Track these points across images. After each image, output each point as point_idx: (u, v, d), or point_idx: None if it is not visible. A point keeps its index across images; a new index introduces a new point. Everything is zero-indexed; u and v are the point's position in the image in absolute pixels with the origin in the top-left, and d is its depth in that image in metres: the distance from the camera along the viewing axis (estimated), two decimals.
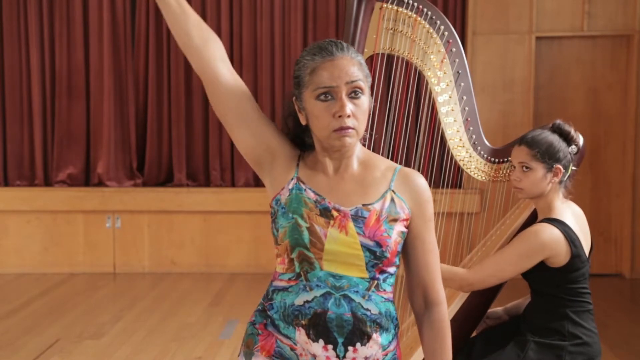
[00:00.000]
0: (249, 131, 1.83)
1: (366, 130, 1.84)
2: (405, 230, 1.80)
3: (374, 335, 1.76)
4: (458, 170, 2.86)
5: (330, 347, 1.74)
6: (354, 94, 1.73)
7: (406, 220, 1.80)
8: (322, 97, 1.73)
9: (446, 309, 1.86)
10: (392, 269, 1.79)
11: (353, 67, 1.74)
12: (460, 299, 2.67)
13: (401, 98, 2.87)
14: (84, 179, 6.74)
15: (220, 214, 6.53)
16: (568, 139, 2.56)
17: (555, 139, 2.55)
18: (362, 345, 1.75)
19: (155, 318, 5.13)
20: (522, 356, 2.48)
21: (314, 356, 1.75)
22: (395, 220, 1.77)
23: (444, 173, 2.88)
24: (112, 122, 6.63)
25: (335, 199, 1.78)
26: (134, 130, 6.67)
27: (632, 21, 6.27)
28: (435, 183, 5.53)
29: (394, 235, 1.76)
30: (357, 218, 1.75)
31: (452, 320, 2.63)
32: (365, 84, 1.76)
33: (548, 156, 2.53)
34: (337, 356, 1.74)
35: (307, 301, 1.74)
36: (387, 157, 2.83)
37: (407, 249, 1.84)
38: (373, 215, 1.76)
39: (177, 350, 4.45)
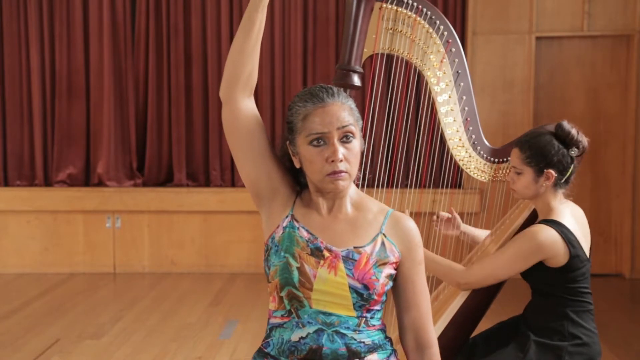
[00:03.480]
0: (255, 167, 1.86)
1: (359, 171, 1.89)
2: (393, 272, 1.84)
3: (370, 355, 1.81)
4: (458, 170, 2.86)
5: None
6: (345, 138, 1.79)
7: (396, 263, 1.84)
8: (315, 142, 1.78)
9: (438, 351, 1.89)
10: (378, 307, 1.84)
11: (344, 113, 1.79)
12: (460, 299, 2.66)
13: (401, 98, 2.88)
14: (84, 179, 6.74)
15: (220, 214, 6.53)
16: (567, 142, 2.52)
17: (549, 141, 2.52)
18: (360, 359, 1.79)
19: (155, 318, 5.13)
20: (522, 357, 2.48)
21: None
22: (384, 263, 1.81)
23: (443, 173, 2.89)
24: (112, 122, 6.63)
25: (327, 239, 1.82)
26: (134, 130, 6.67)
27: (632, 21, 6.27)
28: (435, 183, 5.56)
29: (382, 279, 1.80)
30: (348, 260, 1.79)
31: (451, 321, 2.63)
32: (356, 128, 1.81)
33: (537, 160, 2.52)
34: None
35: (302, 337, 1.78)
36: (388, 158, 2.83)
37: (398, 291, 1.88)
38: (363, 259, 1.80)
39: (177, 350, 4.45)
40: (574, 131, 2.52)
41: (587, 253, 2.53)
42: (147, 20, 6.61)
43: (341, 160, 1.76)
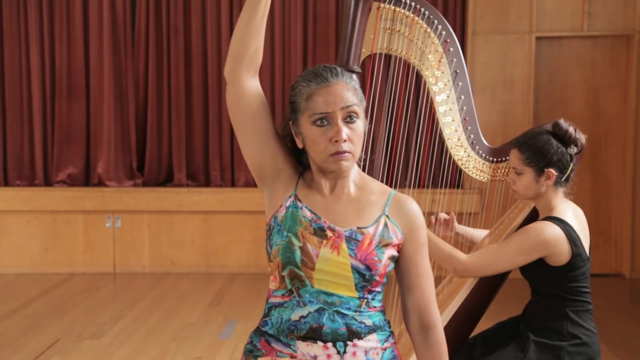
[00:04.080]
0: (259, 147, 1.86)
1: (364, 152, 1.90)
2: (396, 254, 1.84)
3: (369, 336, 1.80)
4: (457, 169, 2.86)
5: (329, 344, 1.77)
6: (349, 118, 1.78)
7: (398, 245, 1.83)
8: (319, 122, 1.77)
9: (442, 331, 1.89)
10: (379, 288, 1.84)
11: (348, 93, 1.78)
12: (460, 298, 2.67)
13: (399, 98, 2.88)
14: (84, 179, 6.74)
15: (220, 214, 6.53)
16: (565, 140, 2.52)
17: (547, 141, 2.52)
18: (359, 339, 1.79)
19: (155, 318, 5.13)
20: (521, 356, 2.48)
21: (315, 357, 1.77)
22: (387, 245, 1.81)
23: (442, 173, 2.89)
24: (112, 122, 6.63)
25: (330, 219, 1.81)
26: (134, 130, 6.67)
27: (632, 21, 6.27)
28: (434, 183, 5.55)
29: (384, 259, 1.80)
30: (351, 240, 1.79)
31: (451, 319, 2.63)
32: (360, 108, 1.80)
33: (537, 160, 2.52)
34: (338, 352, 1.77)
35: (303, 316, 1.78)
36: (387, 157, 2.83)
37: (401, 273, 1.88)
38: (366, 239, 1.79)
39: (177, 350, 4.45)
40: (571, 129, 2.52)
41: (588, 252, 2.53)
42: (147, 20, 6.61)
43: (345, 141, 1.75)
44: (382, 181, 2.90)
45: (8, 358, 4.31)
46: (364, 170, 1.99)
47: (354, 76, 1.89)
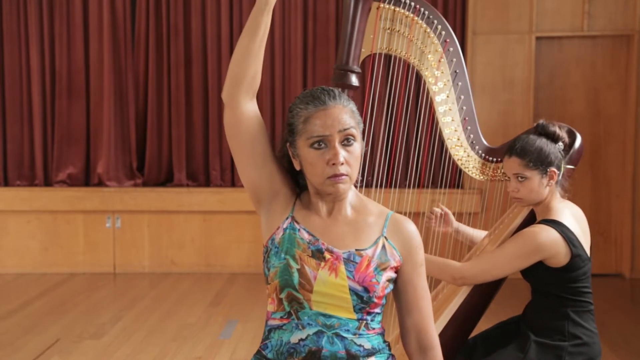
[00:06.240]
0: (257, 170, 1.86)
1: (360, 174, 1.89)
2: (394, 276, 1.84)
3: (368, 359, 1.80)
4: (457, 169, 2.87)
5: None
6: (346, 141, 1.78)
7: (396, 267, 1.84)
8: (316, 145, 1.78)
9: (440, 352, 1.89)
10: (378, 310, 1.83)
11: (345, 116, 1.79)
12: (459, 298, 2.66)
13: (399, 98, 2.88)
14: (84, 179, 6.74)
15: (220, 214, 6.53)
16: (554, 138, 2.57)
17: (543, 142, 2.55)
18: None
19: (155, 318, 5.13)
20: (522, 357, 2.48)
21: None
22: (385, 268, 1.81)
23: (443, 173, 2.89)
24: (112, 122, 6.64)
25: (328, 241, 1.81)
26: (134, 130, 6.67)
27: (632, 21, 6.27)
28: (434, 183, 5.55)
29: (382, 281, 1.80)
30: (349, 262, 1.79)
31: (450, 320, 2.63)
32: (357, 131, 1.81)
33: (540, 162, 2.54)
34: None
35: (302, 339, 1.78)
36: (387, 157, 2.84)
37: (399, 294, 1.88)
38: (364, 261, 1.79)
39: (177, 350, 4.45)
40: (556, 127, 2.59)
41: (588, 252, 2.54)
42: (147, 20, 6.61)
43: (342, 164, 1.76)
44: (382, 181, 2.90)
45: (8, 358, 4.31)
46: (361, 186, 2.00)
47: (351, 98, 1.90)
